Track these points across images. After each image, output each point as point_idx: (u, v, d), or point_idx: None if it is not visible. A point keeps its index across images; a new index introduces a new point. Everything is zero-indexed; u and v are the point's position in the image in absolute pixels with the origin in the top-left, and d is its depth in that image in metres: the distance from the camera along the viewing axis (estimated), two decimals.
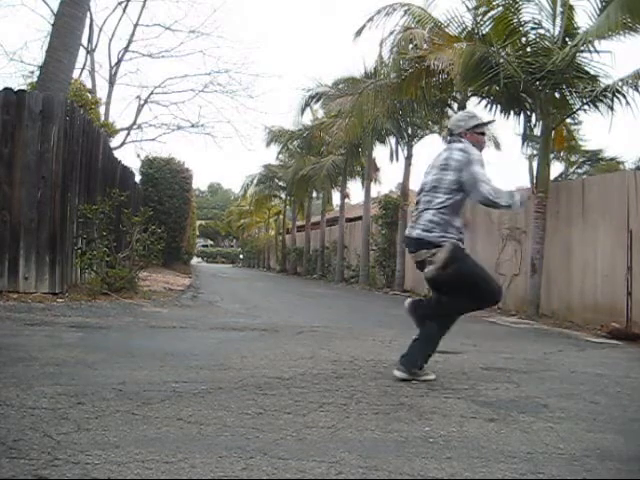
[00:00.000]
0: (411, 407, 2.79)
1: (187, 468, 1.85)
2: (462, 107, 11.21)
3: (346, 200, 20.92)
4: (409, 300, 3.76)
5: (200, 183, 77.55)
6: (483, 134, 3.77)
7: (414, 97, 10.58)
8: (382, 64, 12.23)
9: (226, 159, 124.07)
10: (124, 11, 19.64)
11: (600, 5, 7.67)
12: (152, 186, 16.69)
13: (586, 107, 8.45)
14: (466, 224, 3.83)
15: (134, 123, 19.93)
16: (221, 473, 1.83)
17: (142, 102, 20.22)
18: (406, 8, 10.34)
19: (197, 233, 38.24)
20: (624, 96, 7.75)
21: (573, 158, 15.03)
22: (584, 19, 8.03)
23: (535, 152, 9.46)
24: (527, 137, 9.43)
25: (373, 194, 17.36)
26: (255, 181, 28.51)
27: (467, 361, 4.22)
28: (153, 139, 20.74)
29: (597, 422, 2.70)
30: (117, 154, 12.46)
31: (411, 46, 10.48)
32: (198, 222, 40.17)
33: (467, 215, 3.58)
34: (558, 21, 8.25)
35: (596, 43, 7.75)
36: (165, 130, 20.62)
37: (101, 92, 18.69)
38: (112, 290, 7.19)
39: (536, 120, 8.83)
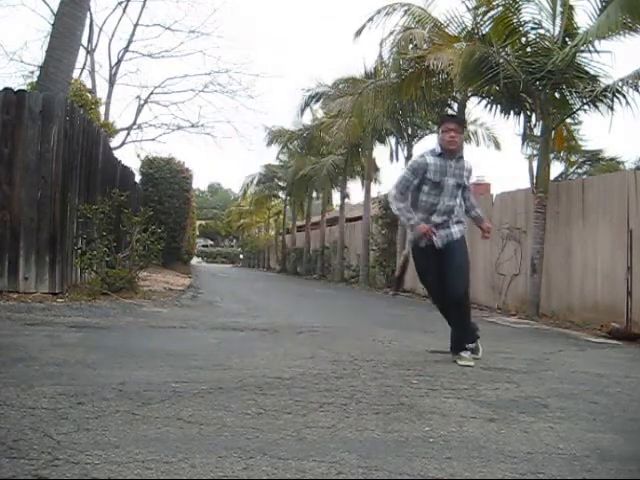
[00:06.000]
0: (411, 407, 2.79)
1: (187, 468, 1.85)
2: (462, 107, 11.22)
3: (346, 200, 20.92)
4: None
5: (200, 183, 77.69)
6: (444, 131, 4.07)
7: (414, 97, 10.59)
8: (382, 64, 12.25)
9: (226, 159, 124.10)
10: (124, 11, 19.68)
11: (600, 5, 7.67)
12: (152, 186, 16.68)
13: (586, 107, 8.44)
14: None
15: (134, 123, 19.96)
16: (221, 473, 1.83)
17: (142, 102, 20.25)
18: (406, 8, 10.35)
19: (197, 233, 38.22)
20: (624, 96, 7.74)
21: (573, 158, 15.01)
22: (584, 19, 8.04)
23: (535, 152, 9.45)
24: (527, 137, 9.41)
25: (373, 194, 17.34)
26: (255, 181, 28.53)
27: None
28: (153, 139, 20.75)
29: (597, 422, 2.70)
30: (117, 154, 12.47)
31: (411, 46, 10.49)
32: (198, 222, 40.11)
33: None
34: (558, 21, 8.24)
35: (596, 43, 7.74)
36: (165, 130, 20.67)
37: (101, 92, 18.71)
38: (112, 290, 7.19)
39: (536, 120, 8.82)
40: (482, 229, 4.35)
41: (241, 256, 46.90)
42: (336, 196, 22.03)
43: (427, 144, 16.33)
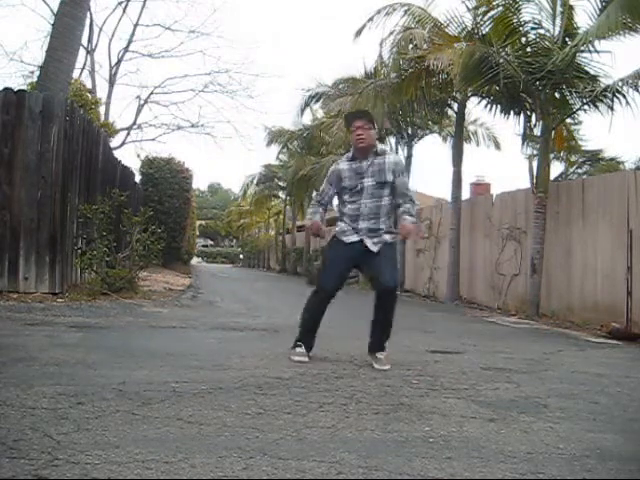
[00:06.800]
0: (411, 407, 2.79)
1: (187, 468, 1.85)
2: (462, 107, 11.22)
3: None
4: None
5: (200, 183, 77.72)
6: (352, 131, 3.86)
7: (414, 97, 10.58)
8: (382, 64, 12.24)
9: (226, 159, 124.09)
10: (124, 11, 19.66)
11: (600, 5, 7.67)
12: (152, 186, 16.66)
13: (586, 107, 8.45)
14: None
15: (134, 123, 19.93)
16: (221, 473, 1.83)
17: (142, 102, 20.22)
18: (406, 8, 10.35)
19: (197, 233, 38.24)
20: (624, 96, 7.75)
21: (573, 158, 15.01)
22: (584, 19, 8.05)
23: (535, 152, 9.45)
24: (527, 137, 9.42)
25: None
26: (255, 181, 28.54)
27: (467, 361, 4.22)
28: (153, 139, 20.72)
29: (597, 422, 2.70)
30: (117, 154, 12.45)
31: (411, 46, 10.49)
32: (198, 222, 40.12)
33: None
34: (558, 21, 8.25)
35: (596, 43, 7.75)
36: (165, 130, 20.63)
37: (101, 92, 18.69)
38: (112, 290, 7.19)
39: (536, 120, 8.83)
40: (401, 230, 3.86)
41: (241, 256, 46.88)
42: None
43: (427, 144, 16.28)
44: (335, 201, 4.17)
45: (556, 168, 14.86)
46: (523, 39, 8.60)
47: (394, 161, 3.87)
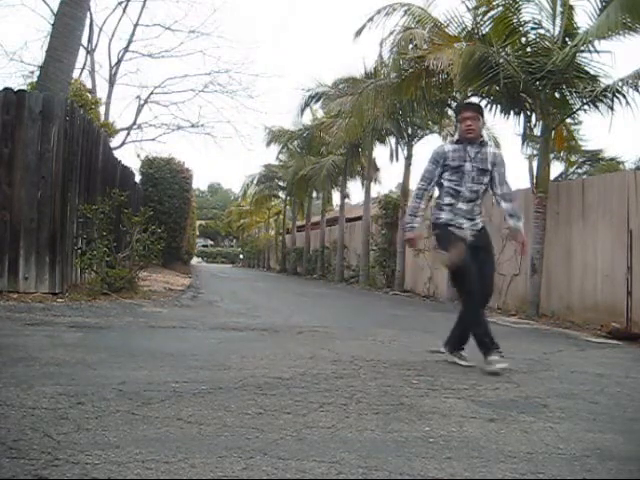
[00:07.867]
0: (411, 407, 2.79)
1: (187, 468, 1.85)
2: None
3: (346, 200, 20.92)
4: None
5: (200, 183, 77.88)
6: (461, 121, 4.09)
7: (414, 97, 10.58)
8: (382, 64, 12.25)
9: (226, 159, 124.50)
10: (124, 11, 19.68)
11: (600, 5, 7.67)
12: (152, 186, 16.66)
13: (586, 107, 8.45)
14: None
15: (134, 123, 19.95)
16: (221, 473, 1.83)
17: (142, 102, 20.25)
18: (406, 8, 10.34)
19: (197, 233, 38.24)
20: (624, 96, 7.75)
21: (573, 158, 15.00)
22: (584, 19, 8.05)
23: (535, 152, 9.45)
24: (527, 137, 9.42)
25: (373, 194, 17.34)
26: (255, 181, 28.57)
27: None
28: (153, 139, 20.76)
29: (597, 422, 2.70)
30: (117, 154, 12.45)
31: (411, 46, 10.48)
32: (198, 222, 40.15)
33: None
34: (558, 21, 8.25)
35: (596, 43, 7.74)
36: (165, 130, 20.67)
37: (101, 92, 18.71)
38: (112, 290, 7.19)
39: (536, 120, 8.83)
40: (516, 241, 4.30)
41: (241, 256, 46.93)
42: (336, 196, 22.07)
43: (427, 144, 16.30)
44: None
45: (556, 168, 14.87)
46: (523, 39, 8.59)
47: (493, 152, 4.12)
